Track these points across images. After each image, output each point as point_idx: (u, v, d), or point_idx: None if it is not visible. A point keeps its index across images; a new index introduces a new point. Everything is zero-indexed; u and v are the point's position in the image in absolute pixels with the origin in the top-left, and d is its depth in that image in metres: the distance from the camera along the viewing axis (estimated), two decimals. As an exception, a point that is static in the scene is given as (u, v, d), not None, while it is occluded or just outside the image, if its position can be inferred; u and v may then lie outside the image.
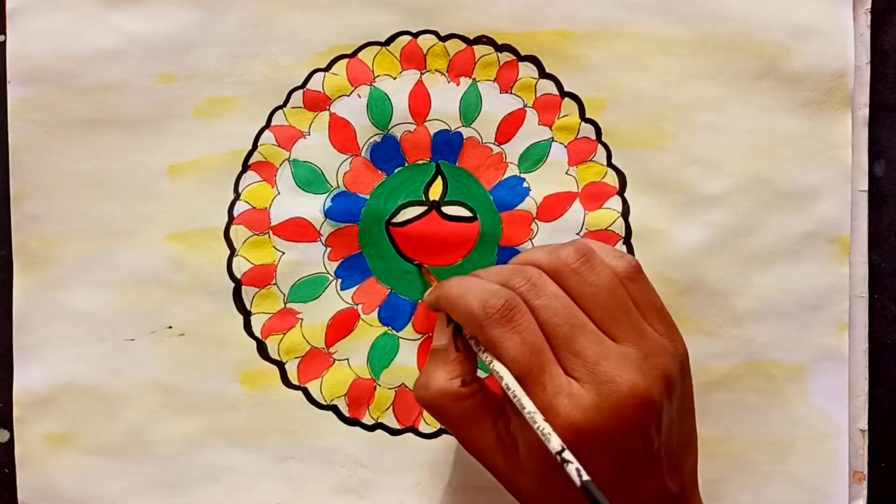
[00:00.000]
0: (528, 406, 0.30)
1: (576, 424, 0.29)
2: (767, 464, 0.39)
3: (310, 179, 0.39)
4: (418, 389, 0.33)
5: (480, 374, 0.34)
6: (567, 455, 0.28)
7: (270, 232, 0.39)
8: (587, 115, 0.39)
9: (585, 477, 0.28)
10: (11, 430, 0.39)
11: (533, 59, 0.39)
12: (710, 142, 0.39)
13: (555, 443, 0.29)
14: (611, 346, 0.31)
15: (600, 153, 0.39)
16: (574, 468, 0.28)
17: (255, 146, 0.39)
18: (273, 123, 0.39)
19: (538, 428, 0.29)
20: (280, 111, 0.39)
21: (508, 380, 0.30)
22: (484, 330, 0.31)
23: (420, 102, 0.39)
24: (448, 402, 0.32)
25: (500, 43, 0.39)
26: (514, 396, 0.30)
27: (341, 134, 0.39)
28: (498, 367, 0.31)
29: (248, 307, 0.39)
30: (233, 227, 0.39)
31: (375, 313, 0.39)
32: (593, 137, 0.39)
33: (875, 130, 0.39)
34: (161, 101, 0.39)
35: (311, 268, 0.39)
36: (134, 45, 0.39)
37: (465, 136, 0.39)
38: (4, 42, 0.39)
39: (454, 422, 0.33)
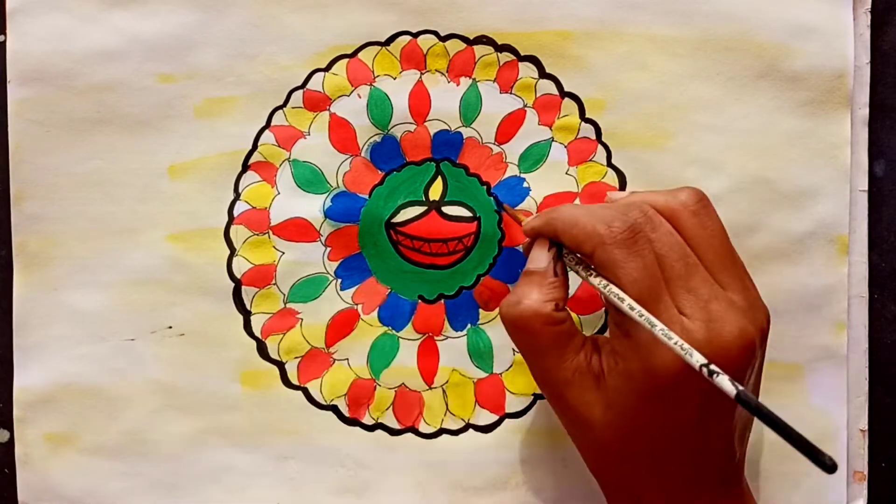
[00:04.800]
0: (659, 324, 0.29)
1: None
2: (767, 464, 0.39)
3: (310, 179, 0.39)
4: (508, 306, 0.33)
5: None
6: (714, 367, 0.28)
7: (270, 232, 0.39)
8: (587, 115, 0.39)
9: (740, 387, 0.27)
10: (11, 430, 0.39)
11: (533, 59, 0.39)
12: (710, 142, 0.39)
13: (697, 357, 0.28)
14: (719, 290, 0.31)
15: (600, 153, 0.39)
16: (727, 379, 0.27)
17: (255, 146, 0.39)
18: (273, 123, 0.39)
19: (674, 343, 0.29)
20: (280, 111, 0.39)
21: (630, 300, 0.30)
22: (607, 248, 0.31)
23: (420, 102, 0.39)
24: (538, 324, 0.32)
25: (500, 43, 0.39)
26: (641, 315, 0.30)
27: (341, 134, 0.39)
28: (614, 288, 0.31)
29: (248, 307, 0.39)
30: (233, 227, 0.39)
31: (375, 313, 0.39)
32: (593, 137, 0.39)
33: (875, 130, 0.39)
34: (161, 101, 0.39)
35: (311, 268, 0.39)
36: (134, 45, 0.39)
37: (465, 136, 0.39)
38: (4, 42, 0.39)
39: (538, 345, 0.32)
